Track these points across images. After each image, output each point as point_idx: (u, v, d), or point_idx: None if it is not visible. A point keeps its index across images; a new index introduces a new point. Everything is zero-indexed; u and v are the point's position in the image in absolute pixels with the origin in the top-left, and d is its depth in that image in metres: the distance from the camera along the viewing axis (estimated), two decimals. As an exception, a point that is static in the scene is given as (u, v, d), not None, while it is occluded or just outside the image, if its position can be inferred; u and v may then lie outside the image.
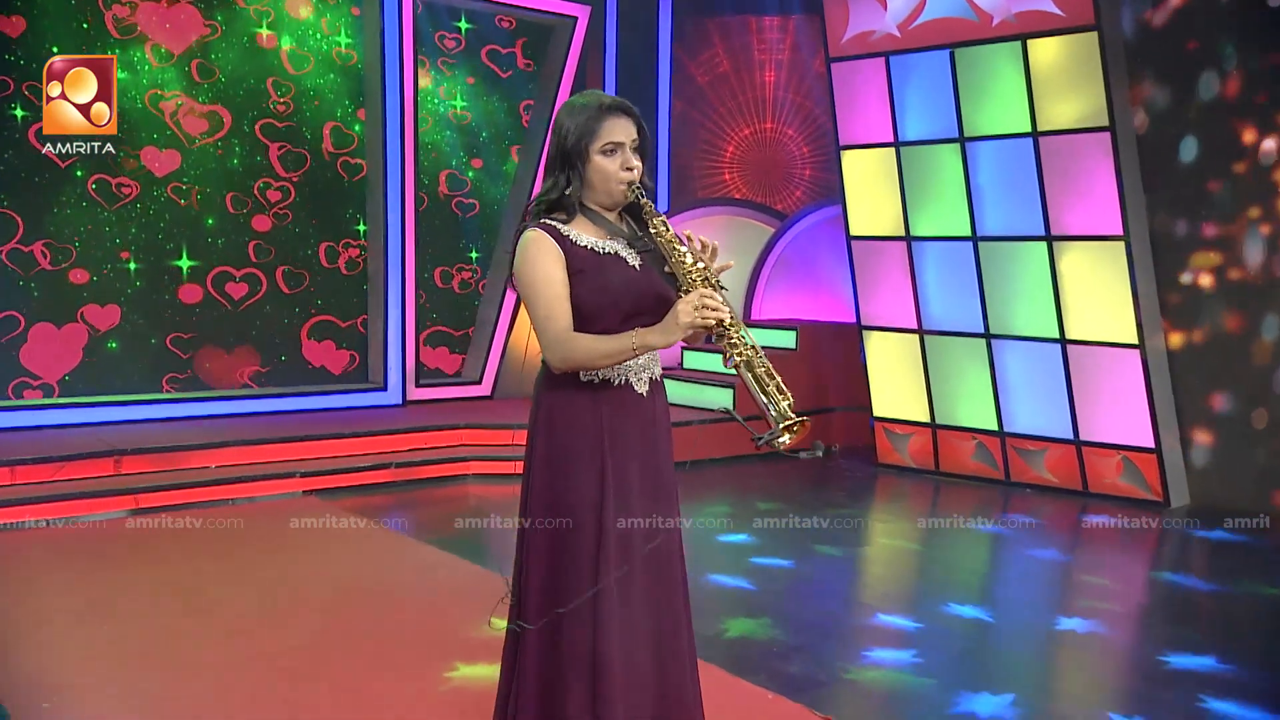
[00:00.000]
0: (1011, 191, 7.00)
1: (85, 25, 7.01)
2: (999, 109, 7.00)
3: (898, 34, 7.33)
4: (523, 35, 8.89)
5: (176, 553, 5.30)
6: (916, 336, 7.50)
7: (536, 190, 2.61)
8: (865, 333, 7.80)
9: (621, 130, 2.48)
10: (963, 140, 7.12)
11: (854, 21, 7.51)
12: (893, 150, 7.46)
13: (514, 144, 8.94)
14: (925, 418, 7.53)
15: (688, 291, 2.36)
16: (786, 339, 8.43)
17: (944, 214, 7.31)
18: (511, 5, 8.50)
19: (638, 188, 2.49)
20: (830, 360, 8.45)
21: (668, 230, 2.46)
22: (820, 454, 2.34)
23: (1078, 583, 5.37)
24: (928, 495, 7.15)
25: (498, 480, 7.03)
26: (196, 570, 4.99)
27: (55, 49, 6.87)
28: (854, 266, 7.79)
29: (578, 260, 2.48)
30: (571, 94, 8.86)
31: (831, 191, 9.05)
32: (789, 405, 2.33)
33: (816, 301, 9.28)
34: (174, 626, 4.24)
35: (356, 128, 8.09)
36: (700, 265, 2.40)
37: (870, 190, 7.65)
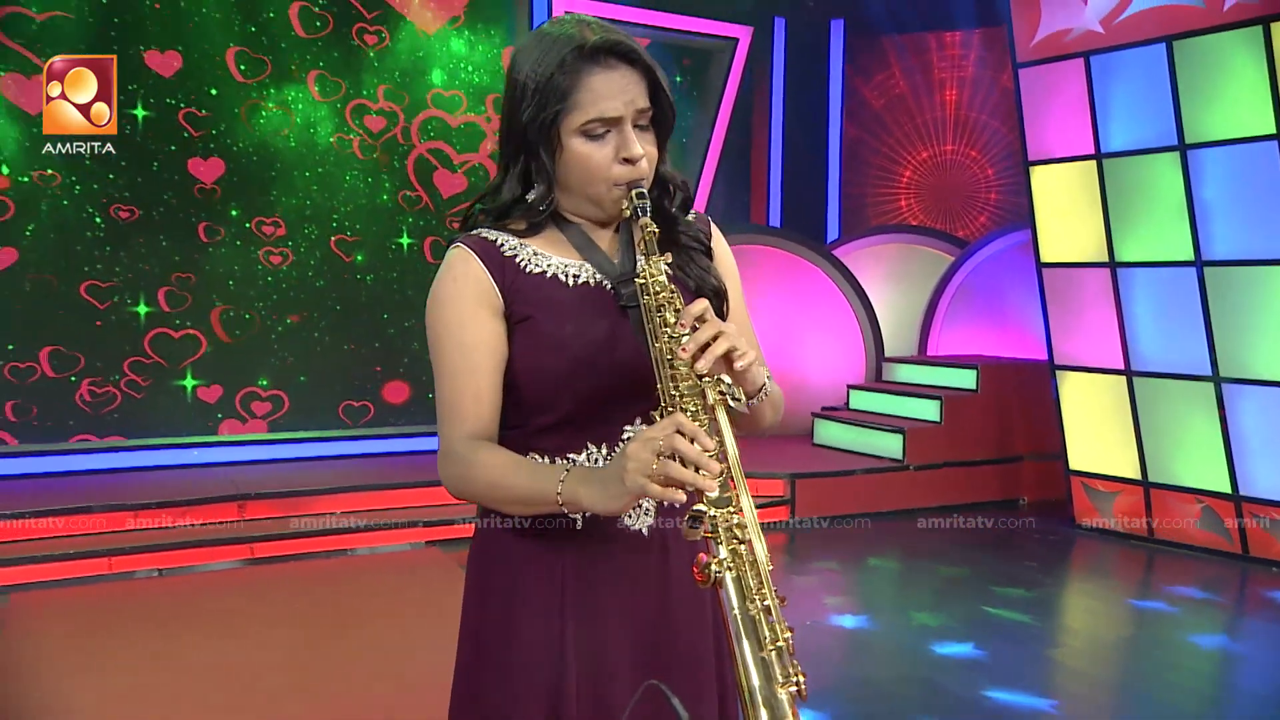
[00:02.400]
0: (1247, 206, 5.13)
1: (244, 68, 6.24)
2: (1231, 109, 5.16)
3: (1100, 30, 5.61)
4: (683, 59, 7.64)
5: (265, 613, 4.26)
6: (1124, 379, 5.70)
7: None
8: (1059, 373, 6.03)
9: (617, 92, 1.28)
10: (1183, 147, 5.32)
11: (1046, 21, 5.84)
12: (1093, 163, 5.71)
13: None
14: (1135, 474, 5.69)
15: (666, 412, 1.16)
16: (966, 379, 6.74)
17: (1159, 235, 5.50)
18: (669, 29, 7.25)
19: (643, 196, 1.28)
20: (1017, 403, 6.71)
21: (664, 286, 1.22)
22: None
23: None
24: (1142, 568, 5.35)
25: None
26: (272, 636, 3.92)
27: (212, 91, 6.13)
28: (1045, 298, 6.04)
29: (525, 297, 1.32)
30: (731, 121, 7.65)
31: (1019, 216, 7.35)
32: (790, 696, 1.01)
33: (1002, 337, 7.53)
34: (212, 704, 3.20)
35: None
36: (702, 365, 1.15)
37: (1065, 210, 5.91)
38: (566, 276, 1.34)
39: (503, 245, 1.34)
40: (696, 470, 1.08)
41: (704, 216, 1.48)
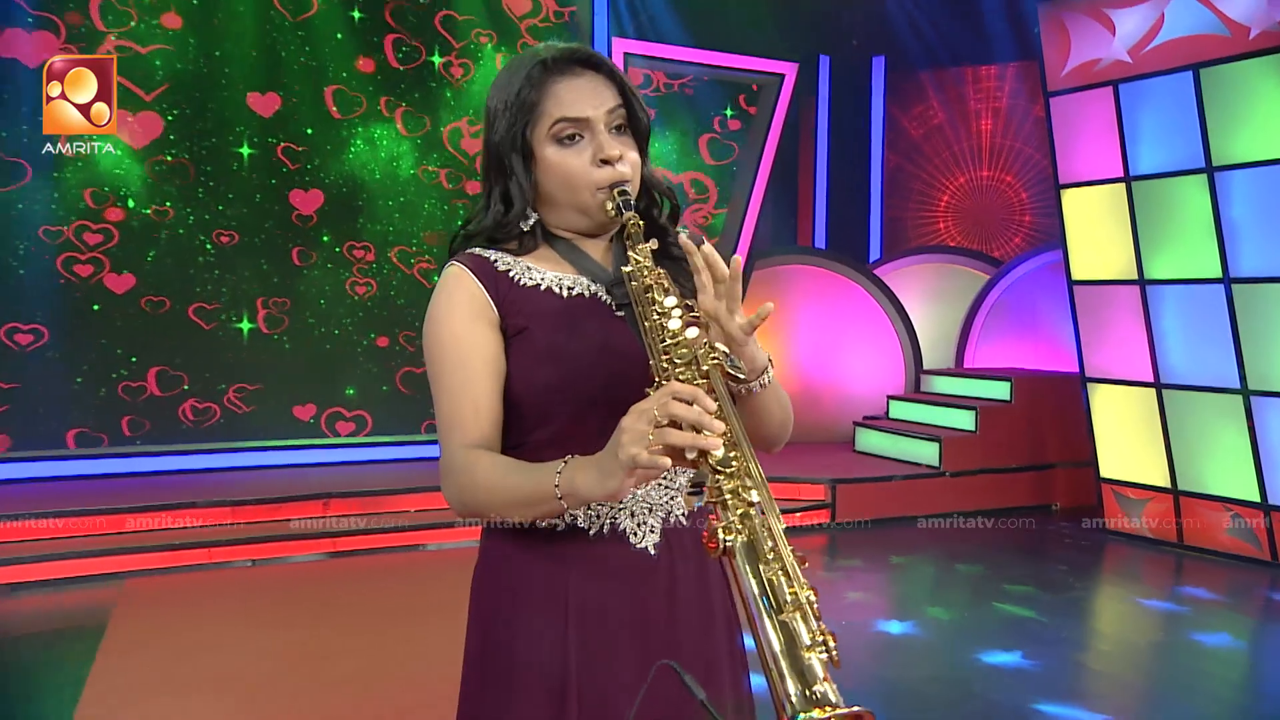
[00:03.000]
0: (1274, 225, 4.91)
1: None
2: (1257, 133, 4.95)
3: (1129, 60, 5.44)
4: (733, 94, 7.60)
5: (345, 602, 4.32)
6: (1153, 390, 5.50)
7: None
8: (1090, 385, 5.84)
9: (586, 95, 1.19)
10: (1210, 170, 5.12)
11: (1076, 52, 5.68)
12: (1122, 186, 5.53)
13: (725, 198, 7.62)
14: (1164, 482, 5.48)
15: (662, 384, 1.02)
16: (1001, 390, 6.56)
17: (1188, 253, 5.29)
18: (720, 66, 7.23)
19: (625, 193, 1.17)
20: (1049, 412, 6.50)
21: (651, 269, 1.11)
22: None
23: None
24: (1172, 573, 5.12)
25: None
26: (350, 624, 3.96)
27: (308, 130, 6.28)
28: (1076, 313, 5.86)
29: (520, 309, 1.21)
30: (778, 150, 7.57)
31: (1052, 237, 7.13)
32: (822, 661, 0.83)
33: (1036, 350, 7.33)
34: (292, 685, 3.21)
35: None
36: (694, 334, 1.05)
37: (1095, 231, 5.73)
38: (560, 288, 1.24)
39: (496, 261, 1.25)
40: (699, 433, 0.95)
41: (698, 233, 1.34)
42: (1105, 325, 5.72)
